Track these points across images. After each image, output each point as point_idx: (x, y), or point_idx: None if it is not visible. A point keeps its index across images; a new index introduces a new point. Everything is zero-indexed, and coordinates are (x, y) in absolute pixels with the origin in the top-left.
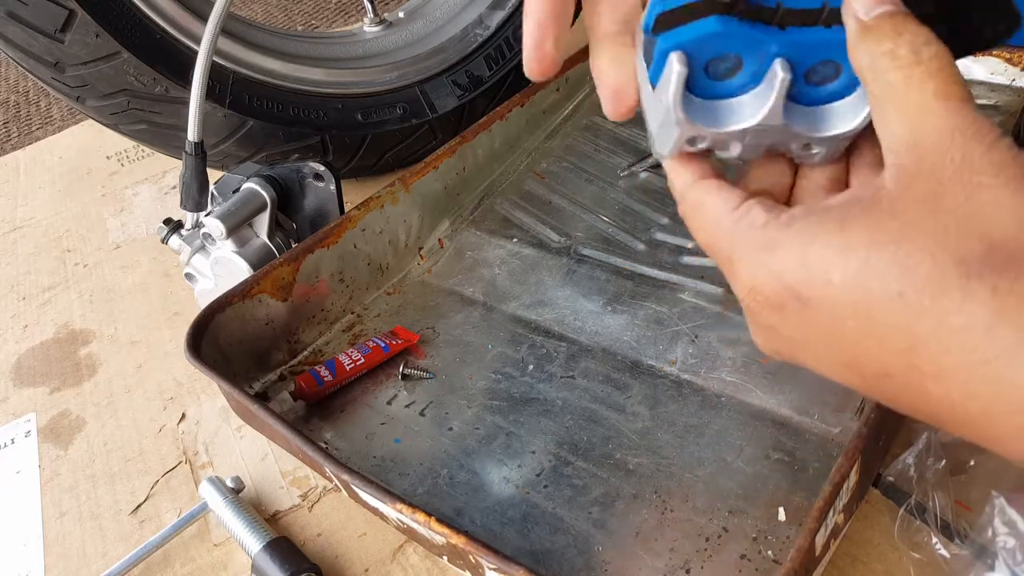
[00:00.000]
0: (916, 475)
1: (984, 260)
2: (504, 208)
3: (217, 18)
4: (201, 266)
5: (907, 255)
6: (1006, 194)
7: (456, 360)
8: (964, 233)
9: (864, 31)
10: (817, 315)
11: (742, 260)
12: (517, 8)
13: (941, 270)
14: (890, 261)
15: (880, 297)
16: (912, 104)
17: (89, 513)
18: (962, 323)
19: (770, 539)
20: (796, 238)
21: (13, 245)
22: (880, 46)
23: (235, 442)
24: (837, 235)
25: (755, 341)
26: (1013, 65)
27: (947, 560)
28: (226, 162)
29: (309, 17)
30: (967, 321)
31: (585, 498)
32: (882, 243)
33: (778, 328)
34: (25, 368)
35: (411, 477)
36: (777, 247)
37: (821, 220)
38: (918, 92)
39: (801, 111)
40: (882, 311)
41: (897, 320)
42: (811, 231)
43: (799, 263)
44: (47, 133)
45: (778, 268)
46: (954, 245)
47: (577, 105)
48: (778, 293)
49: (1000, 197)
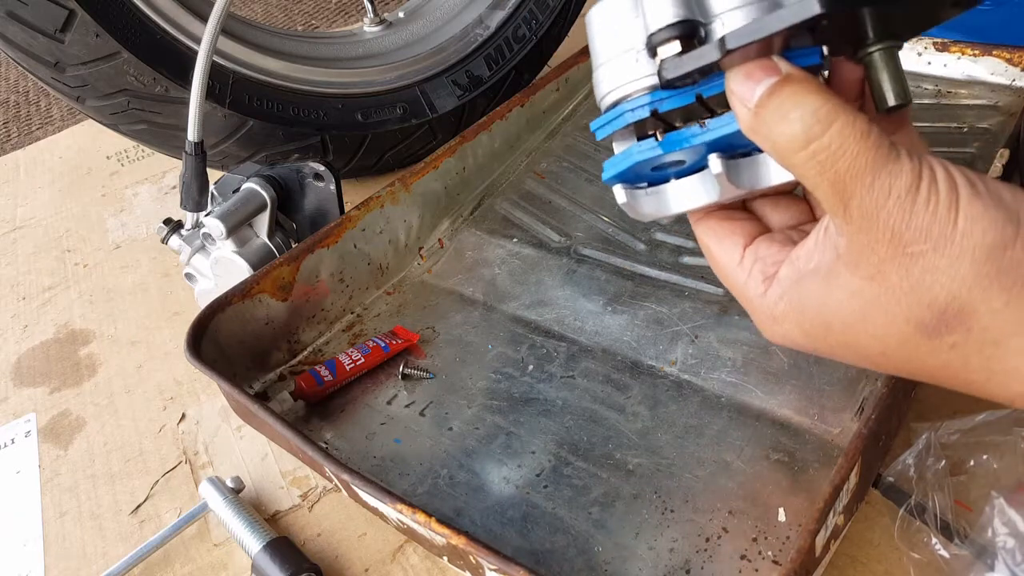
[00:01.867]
0: (916, 475)
1: (939, 323)
2: (504, 208)
3: (217, 18)
4: (201, 266)
5: (876, 329)
6: (938, 257)
7: (456, 360)
8: (915, 303)
9: (755, 120)
10: (827, 353)
11: (755, 318)
12: (517, 8)
13: (907, 336)
14: (867, 335)
15: (870, 354)
16: (827, 187)
17: (89, 513)
18: (940, 364)
19: (770, 540)
20: (793, 315)
21: (13, 245)
22: (774, 133)
23: (235, 442)
24: (821, 314)
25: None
26: (1013, 65)
27: (947, 560)
28: (226, 162)
29: (309, 17)
30: (944, 362)
31: (585, 498)
32: (853, 323)
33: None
34: (25, 368)
35: (411, 477)
36: (782, 321)
37: (804, 298)
38: (831, 176)
39: (744, 167)
40: (875, 361)
41: (889, 365)
42: (801, 308)
43: (801, 333)
44: (47, 133)
45: (783, 333)
46: (908, 314)
47: (577, 105)
48: (791, 343)
49: (934, 262)
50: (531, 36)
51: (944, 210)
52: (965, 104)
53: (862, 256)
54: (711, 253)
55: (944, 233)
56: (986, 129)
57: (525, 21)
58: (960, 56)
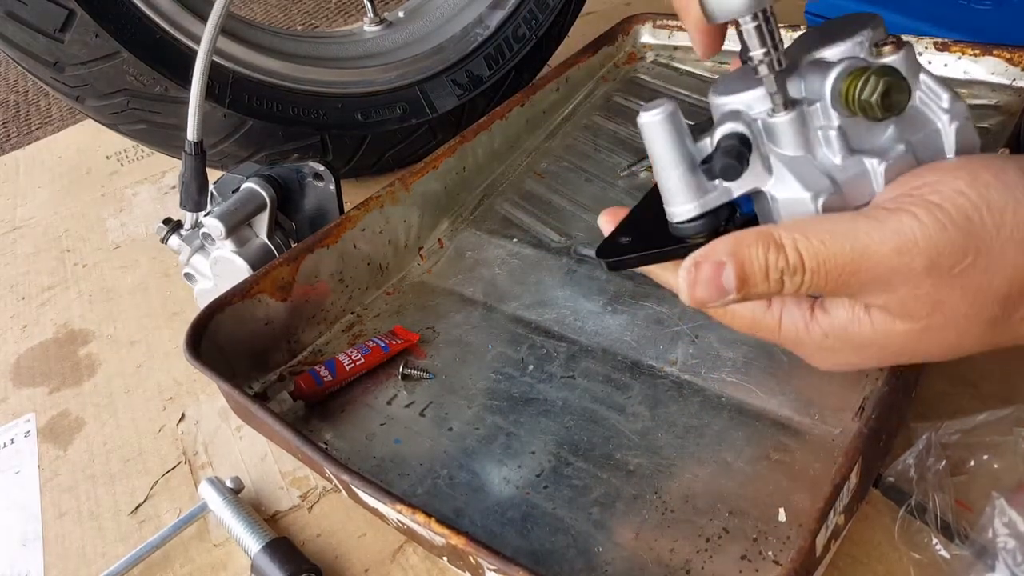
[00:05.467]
0: (916, 475)
1: (1007, 309)
2: (504, 208)
3: (217, 18)
4: (200, 266)
5: (950, 342)
6: (985, 260)
7: (456, 360)
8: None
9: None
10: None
11: (801, 353)
12: (517, 7)
13: (982, 333)
14: (940, 350)
15: (941, 355)
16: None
17: (88, 513)
18: (1011, 337)
19: (770, 540)
20: (848, 348)
21: (12, 245)
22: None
23: (235, 442)
24: (885, 348)
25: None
26: (1013, 65)
27: (947, 561)
28: (226, 162)
29: (309, 17)
30: (1016, 335)
31: (585, 498)
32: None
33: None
34: (24, 368)
35: (411, 477)
36: (835, 351)
37: (859, 343)
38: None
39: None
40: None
41: (962, 354)
42: (858, 346)
43: (862, 359)
44: (46, 133)
45: (840, 362)
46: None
47: (577, 105)
48: (849, 367)
49: (985, 265)
50: (531, 36)
51: (974, 216)
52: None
53: (909, 304)
54: (733, 313)
55: (980, 236)
56: (986, 129)
57: (525, 21)
58: (960, 56)
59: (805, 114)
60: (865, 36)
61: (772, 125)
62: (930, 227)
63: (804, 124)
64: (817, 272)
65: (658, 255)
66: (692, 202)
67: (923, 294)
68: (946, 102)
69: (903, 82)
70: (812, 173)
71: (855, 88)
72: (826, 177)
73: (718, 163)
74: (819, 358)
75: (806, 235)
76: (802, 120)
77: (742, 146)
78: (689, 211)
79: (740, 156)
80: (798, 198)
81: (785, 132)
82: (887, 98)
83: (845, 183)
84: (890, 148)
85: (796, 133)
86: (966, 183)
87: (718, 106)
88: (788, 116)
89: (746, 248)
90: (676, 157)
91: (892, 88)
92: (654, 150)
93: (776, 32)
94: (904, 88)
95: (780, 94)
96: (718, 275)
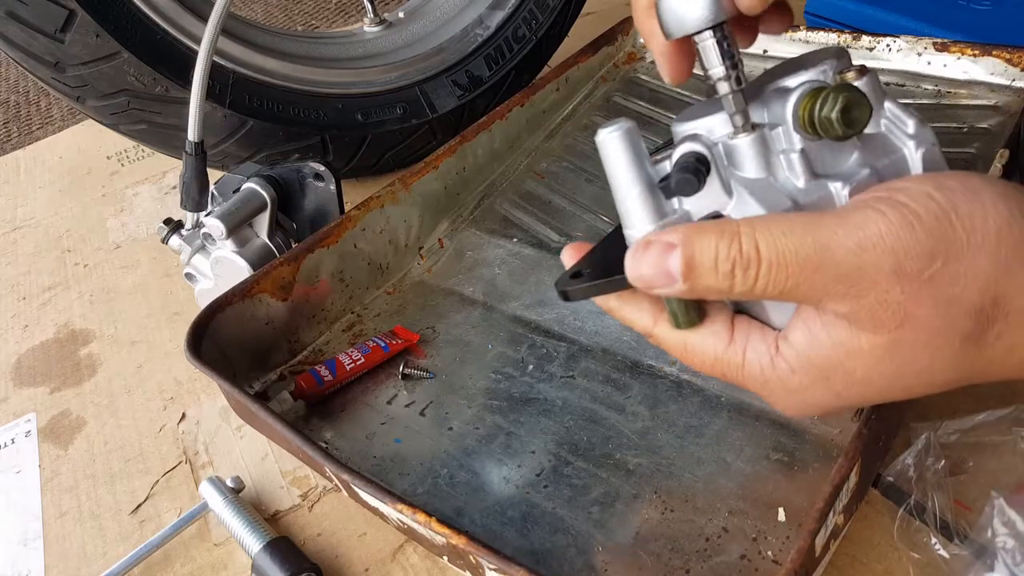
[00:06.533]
0: (916, 475)
1: (980, 323)
2: (504, 208)
3: (217, 18)
4: (201, 266)
5: (922, 365)
6: (954, 266)
7: (456, 360)
8: (953, 322)
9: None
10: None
11: (767, 395)
12: (517, 8)
13: (955, 353)
14: (914, 375)
15: (920, 387)
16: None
17: (89, 513)
18: (989, 359)
19: (770, 540)
20: (818, 384)
21: (13, 245)
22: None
23: (235, 442)
24: (852, 376)
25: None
26: (1013, 65)
27: (947, 560)
28: (226, 162)
29: (309, 17)
30: (992, 356)
31: (585, 498)
32: (896, 370)
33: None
34: (25, 368)
35: (411, 477)
36: (803, 390)
37: (826, 368)
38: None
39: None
40: (924, 391)
41: (941, 386)
42: (825, 376)
43: (833, 396)
44: (47, 133)
45: (810, 403)
46: (951, 335)
47: (577, 105)
48: (819, 410)
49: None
50: (531, 36)
51: (943, 219)
52: (965, 104)
53: (877, 312)
54: (690, 346)
55: (949, 240)
56: (986, 129)
57: (525, 21)
58: (960, 56)
59: (767, 137)
60: (829, 65)
61: (733, 147)
62: (896, 224)
63: (766, 146)
64: (775, 265)
65: (615, 283)
66: (651, 224)
67: (892, 300)
68: (912, 128)
69: (863, 99)
70: (774, 195)
71: (815, 106)
72: (788, 199)
73: (674, 178)
74: (786, 401)
75: (767, 227)
76: (764, 142)
77: (699, 164)
78: (648, 234)
79: (696, 171)
80: None
81: (746, 154)
82: (847, 114)
83: (808, 206)
84: (855, 172)
85: (757, 155)
86: (933, 187)
87: (678, 132)
88: (749, 137)
89: (699, 235)
90: (633, 176)
91: (851, 104)
92: (611, 169)
93: (735, 48)
94: (864, 104)
95: (741, 114)
96: (665, 257)
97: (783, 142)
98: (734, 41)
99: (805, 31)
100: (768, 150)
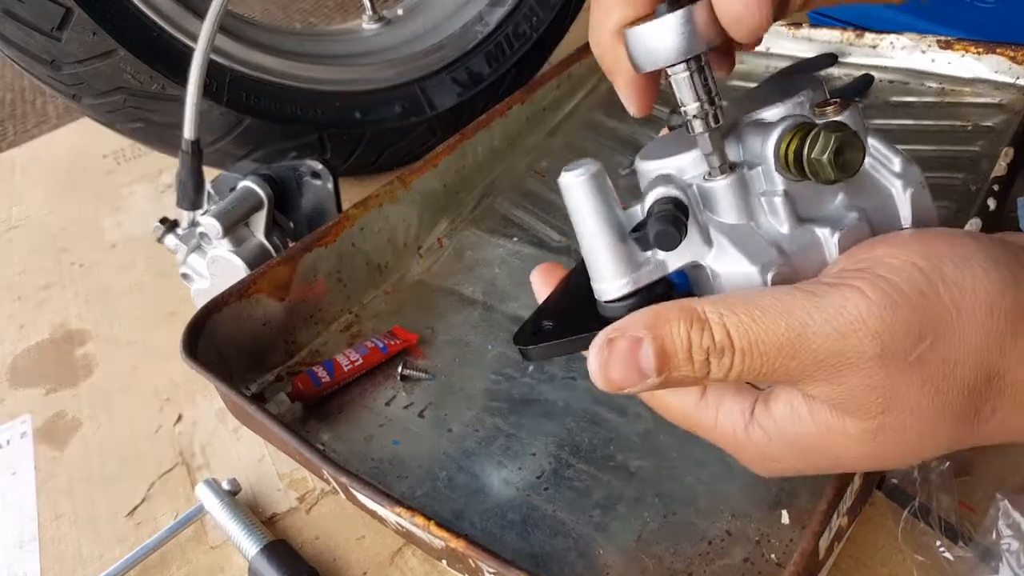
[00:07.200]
0: (920, 477)
1: (974, 402)
2: (504, 207)
3: (214, 15)
4: (197, 265)
5: (913, 445)
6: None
7: (455, 361)
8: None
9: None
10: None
11: (740, 457)
12: (517, 5)
13: (951, 431)
14: (903, 455)
15: (912, 460)
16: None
17: (85, 515)
18: (986, 433)
19: (773, 542)
20: (794, 455)
21: (9, 244)
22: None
23: (232, 444)
24: (835, 454)
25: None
26: (1018, 64)
27: (951, 563)
28: (223, 160)
29: (307, 14)
30: (988, 431)
31: (586, 501)
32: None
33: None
34: (21, 369)
35: (410, 479)
36: (779, 458)
37: (806, 447)
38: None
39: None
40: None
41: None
42: (804, 451)
43: (809, 467)
44: (43, 131)
45: (783, 468)
46: (945, 417)
47: (578, 103)
48: (794, 473)
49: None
50: (531, 33)
51: (930, 293)
52: (969, 102)
53: (861, 397)
54: (664, 401)
55: (937, 316)
56: (990, 127)
57: (525, 18)
58: (964, 54)
59: (746, 178)
60: (805, 96)
61: (709, 190)
62: (878, 304)
63: (745, 189)
64: (748, 353)
65: (582, 341)
66: (623, 277)
67: (877, 385)
68: (898, 166)
69: (856, 139)
70: (757, 243)
71: (803, 147)
72: (773, 248)
73: (652, 230)
74: (760, 464)
75: (733, 310)
76: (743, 184)
77: (678, 211)
78: (619, 288)
79: (677, 222)
80: (744, 272)
81: (724, 198)
82: (840, 156)
83: (794, 254)
84: (842, 216)
85: (736, 198)
86: (920, 255)
87: (646, 172)
88: (727, 180)
89: (666, 323)
90: (603, 225)
91: (845, 145)
92: (576, 216)
93: (712, 82)
94: (858, 145)
95: (717, 155)
96: (635, 353)
97: (763, 183)
98: (711, 74)
99: (808, 28)
100: (748, 192)
